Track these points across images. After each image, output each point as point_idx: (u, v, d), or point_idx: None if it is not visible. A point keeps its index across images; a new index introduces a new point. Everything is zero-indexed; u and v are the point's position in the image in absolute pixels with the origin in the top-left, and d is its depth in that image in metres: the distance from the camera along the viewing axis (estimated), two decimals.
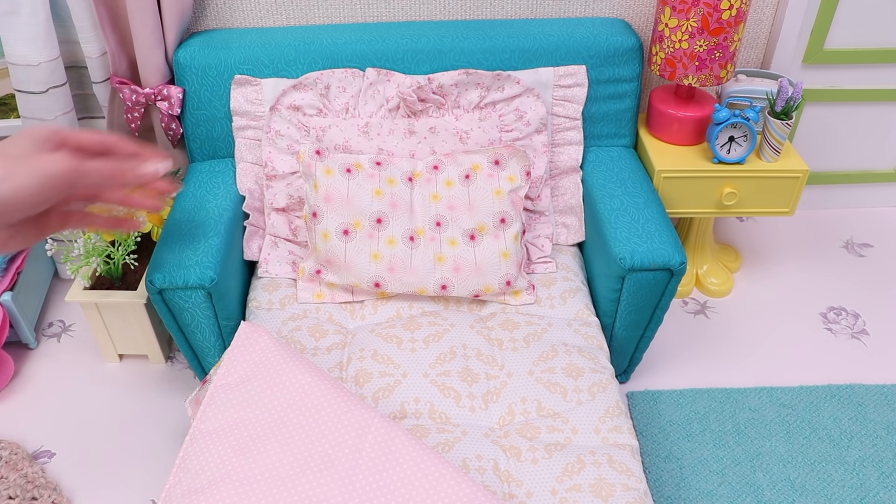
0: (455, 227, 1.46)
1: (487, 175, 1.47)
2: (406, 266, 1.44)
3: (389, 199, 1.45)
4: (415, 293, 1.47)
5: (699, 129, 1.71)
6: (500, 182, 1.47)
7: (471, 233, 1.45)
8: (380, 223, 1.44)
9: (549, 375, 1.33)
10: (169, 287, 1.38)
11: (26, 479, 1.50)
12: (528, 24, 1.66)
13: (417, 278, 1.45)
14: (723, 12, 1.49)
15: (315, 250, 1.47)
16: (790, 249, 2.14)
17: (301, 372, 1.17)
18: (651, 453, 1.58)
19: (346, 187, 1.43)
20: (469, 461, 1.19)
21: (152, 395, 1.72)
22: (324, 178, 1.43)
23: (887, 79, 2.00)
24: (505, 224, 1.46)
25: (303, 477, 1.05)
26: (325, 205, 1.43)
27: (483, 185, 1.47)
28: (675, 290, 1.47)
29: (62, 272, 2.02)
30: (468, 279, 1.45)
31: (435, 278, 1.45)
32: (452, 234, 1.46)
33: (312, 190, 1.44)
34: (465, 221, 1.46)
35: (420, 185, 1.48)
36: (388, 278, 1.45)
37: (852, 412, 1.66)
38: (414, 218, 1.47)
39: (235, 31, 1.67)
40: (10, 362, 1.75)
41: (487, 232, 1.46)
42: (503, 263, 1.46)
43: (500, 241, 1.46)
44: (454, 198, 1.46)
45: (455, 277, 1.45)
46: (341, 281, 1.47)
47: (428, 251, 1.45)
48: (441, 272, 1.45)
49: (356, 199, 1.44)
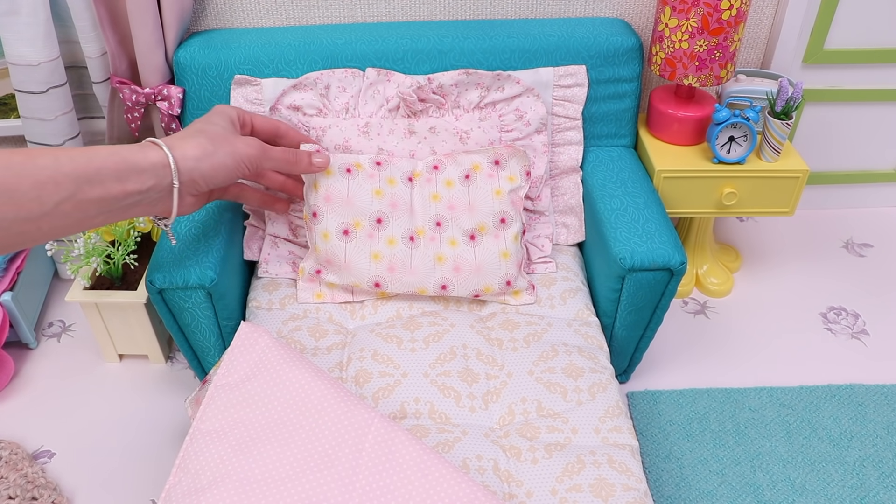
0: (455, 227, 1.46)
1: (487, 175, 1.47)
2: (406, 266, 1.44)
3: (389, 199, 1.45)
4: (415, 293, 1.47)
5: (699, 129, 1.71)
6: (500, 182, 1.47)
7: (471, 233, 1.45)
8: (380, 223, 1.44)
9: (549, 375, 1.33)
10: (169, 287, 1.38)
11: (26, 479, 1.50)
12: (528, 24, 1.66)
13: (417, 278, 1.45)
14: (723, 12, 1.49)
15: (315, 250, 1.47)
16: (790, 249, 2.14)
17: (301, 372, 1.17)
18: (651, 453, 1.58)
19: (346, 187, 1.43)
20: (469, 461, 1.19)
21: (152, 395, 1.72)
22: (323, 178, 1.43)
23: (887, 79, 2.01)
24: (505, 224, 1.46)
25: (303, 477, 1.05)
26: (324, 205, 1.43)
27: (483, 185, 1.47)
28: (675, 290, 1.47)
29: (62, 272, 2.02)
30: (468, 279, 1.45)
31: (435, 278, 1.45)
32: (452, 234, 1.45)
33: (312, 190, 1.44)
34: (465, 221, 1.46)
35: (420, 186, 1.47)
36: (388, 278, 1.45)
37: (852, 412, 1.66)
38: (414, 218, 1.46)
39: (235, 31, 1.67)
40: (10, 362, 1.75)
41: (487, 232, 1.45)
42: (503, 263, 1.46)
43: (500, 241, 1.46)
44: (454, 198, 1.46)
45: (455, 277, 1.45)
46: (341, 281, 1.47)
47: (428, 251, 1.45)
48: (441, 272, 1.45)
49: (356, 199, 1.43)
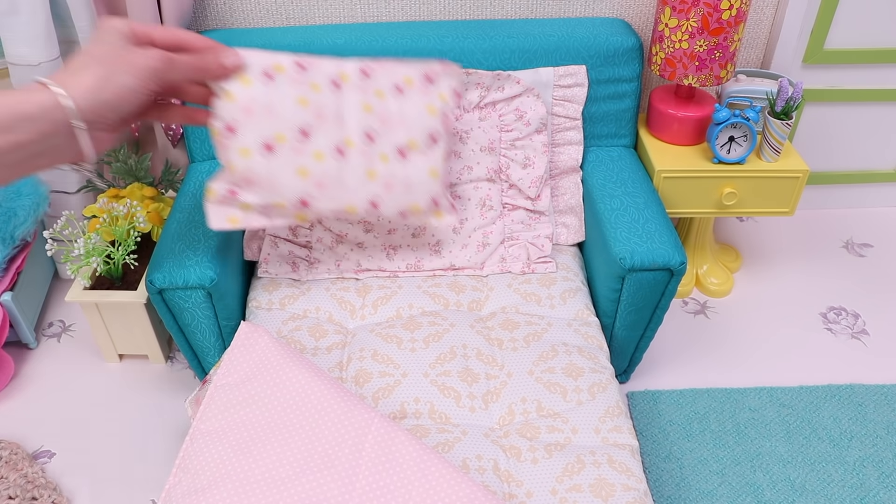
0: (386, 142, 1.35)
1: (420, 90, 1.37)
2: (336, 181, 1.33)
3: (315, 107, 1.29)
4: (343, 210, 1.37)
5: (699, 129, 1.71)
6: (433, 98, 1.38)
7: (402, 148, 1.36)
8: (306, 136, 1.30)
9: (549, 375, 1.33)
10: (169, 287, 1.38)
11: (26, 479, 1.50)
12: (528, 24, 1.66)
13: (348, 194, 1.35)
14: (723, 12, 1.49)
15: (230, 169, 1.30)
16: (790, 249, 2.14)
17: (301, 372, 1.17)
18: (651, 453, 1.58)
19: (265, 96, 1.26)
20: (469, 461, 1.19)
21: (152, 395, 1.72)
22: (240, 86, 1.24)
23: (887, 79, 2.01)
24: (435, 142, 1.39)
25: (303, 477, 1.05)
26: (243, 117, 1.25)
27: (416, 99, 1.37)
28: (675, 290, 1.47)
29: (62, 272, 2.02)
30: (398, 197, 1.38)
31: (365, 195, 1.36)
32: (383, 148, 1.35)
33: (226, 99, 1.24)
34: (397, 136, 1.36)
35: (349, 92, 1.33)
36: (316, 195, 1.32)
37: (852, 412, 1.66)
38: (343, 128, 1.32)
39: (235, 31, 1.67)
40: (10, 362, 1.75)
41: (418, 149, 1.38)
42: (432, 182, 1.40)
43: (429, 159, 1.39)
44: (386, 110, 1.35)
45: (386, 195, 1.37)
46: (260, 200, 1.32)
47: (359, 166, 1.34)
48: (372, 188, 1.36)
49: (279, 108, 1.26)
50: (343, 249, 1.58)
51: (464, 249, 1.58)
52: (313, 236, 1.58)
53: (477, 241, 1.58)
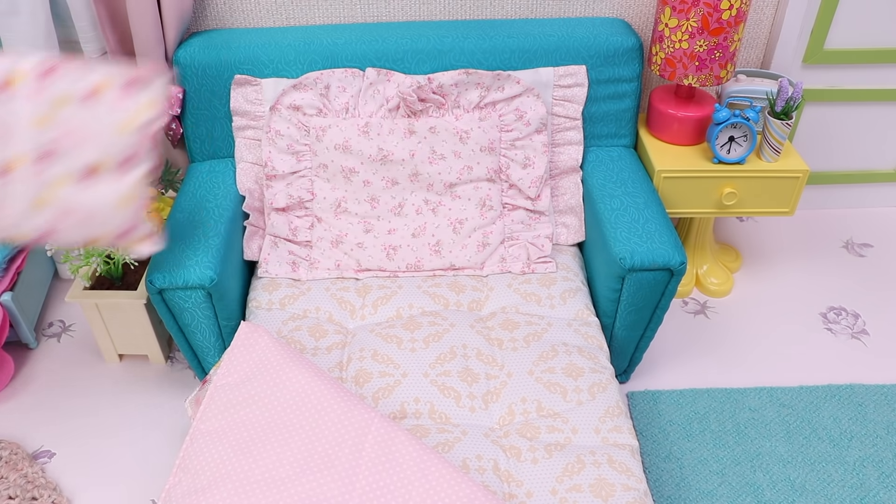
0: (70, 161, 1.16)
1: (117, 101, 1.18)
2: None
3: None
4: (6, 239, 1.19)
5: (699, 129, 1.71)
6: (132, 113, 1.19)
7: (89, 168, 1.17)
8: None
9: (549, 375, 1.33)
10: (169, 287, 1.38)
11: (26, 479, 1.50)
12: (528, 24, 1.66)
13: (8, 221, 1.15)
14: (723, 12, 1.49)
15: None
16: (790, 249, 2.14)
17: (301, 372, 1.17)
18: (651, 453, 1.58)
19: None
20: (469, 461, 1.19)
21: (152, 395, 1.72)
22: None
23: (887, 79, 2.01)
24: (129, 166, 1.20)
25: (303, 477, 1.05)
26: None
27: (109, 113, 1.18)
28: (675, 290, 1.47)
29: (62, 272, 2.02)
30: (79, 227, 1.21)
31: (35, 224, 1.18)
32: (68, 167, 1.16)
33: None
34: (84, 154, 1.17)
35: (21, 100, 1.13)
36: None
37: (852, 412, 1.66)
38: (9, 145, 1.12)
39: (235, 31, 1.67)
40: (10, 362, 1.75)
41: (107, 171, 1.18)
42: (122, 211, 1.22)
43: (119, 186, 1.19)
44: (70, 122, 1.15)
45: (63, 223, 1.19)
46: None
47: (25, 193, 1.15)
48: (46, 216, 1.17)
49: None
50: (343, 249, 1.58)
51: (464, 249, 1.58)
52: (313, 236, 1.58)
53: (477, 241, 1.58)
